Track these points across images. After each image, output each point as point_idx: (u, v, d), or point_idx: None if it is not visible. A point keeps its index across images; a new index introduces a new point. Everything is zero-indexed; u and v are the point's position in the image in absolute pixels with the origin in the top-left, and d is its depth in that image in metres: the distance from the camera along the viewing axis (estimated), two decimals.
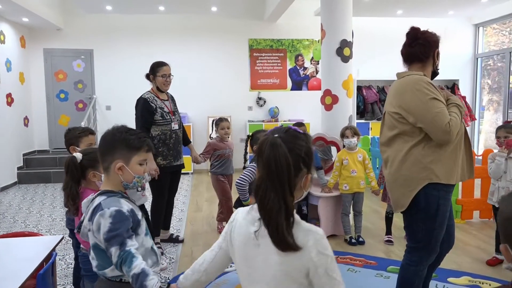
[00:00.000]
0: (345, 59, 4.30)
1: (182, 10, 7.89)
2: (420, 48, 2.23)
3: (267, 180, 1.13)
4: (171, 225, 4.21)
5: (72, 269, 3.06)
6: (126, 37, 8.09)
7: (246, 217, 1.24)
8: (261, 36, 8.50)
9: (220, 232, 4.07)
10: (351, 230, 4.10)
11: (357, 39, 8.15)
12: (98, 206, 1.53)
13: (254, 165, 2.91)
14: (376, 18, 8.18)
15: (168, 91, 3.84)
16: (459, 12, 8.23)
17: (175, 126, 3.75)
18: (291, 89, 8.70)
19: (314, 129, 7.27)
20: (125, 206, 1.56)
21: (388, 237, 4.06)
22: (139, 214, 1.62)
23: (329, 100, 4.36)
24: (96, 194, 1.60)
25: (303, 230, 1.16)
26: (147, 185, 3.61)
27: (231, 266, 2.56)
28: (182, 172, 4.01)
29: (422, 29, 2.29)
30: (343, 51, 4.27)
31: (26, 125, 7.73)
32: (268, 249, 1.14)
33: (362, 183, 4.01)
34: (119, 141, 1.59)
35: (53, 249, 2.30)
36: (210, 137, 4.29)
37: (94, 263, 1.58)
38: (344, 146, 4.11)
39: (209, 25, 8.28)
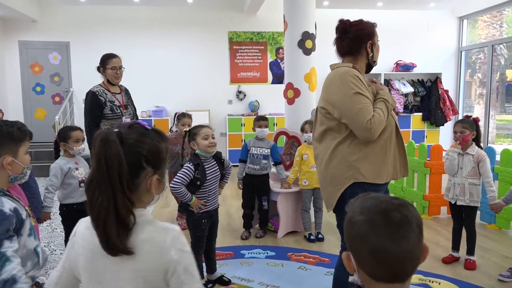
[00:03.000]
0: (307, 51, 4.19)
1: (157, 2, 7.74)
2: (349, 43, 2.12)
3: (97, 178, 1.02)
4: None
5: None
6: (102, 30, 7.94)
7: (90, 226, 1.07)
8: (241, 28, 8.36)
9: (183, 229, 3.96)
10: (311, 226, 4.02)
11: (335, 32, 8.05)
12: None
13: (189, 165, 2.76)
14: (355, 10, 7.99)
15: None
16: (441, 4, 8.08)
17: (126, 120, 3.65)
18: (272, 83, 8.59)
19: None
20: (7, 205, 1.47)
21: None
22: (23, 214, 1.54)
23: (291, 94, 4.26)
24: None
25: (159, 229, 1.10)
26: None
27: None
28: None
29: (353, 20, 2.18)
30: (305, 43, 4.16)
31: (0, 118, 7.62)
32: (119, 258, 1.03)
33: None
34: (2, 136, 1.54)
35: None
36: (170, 130, 4.19)
37: None
38: (305, 141, 4.02)
39: (187, 17, 8.13)
